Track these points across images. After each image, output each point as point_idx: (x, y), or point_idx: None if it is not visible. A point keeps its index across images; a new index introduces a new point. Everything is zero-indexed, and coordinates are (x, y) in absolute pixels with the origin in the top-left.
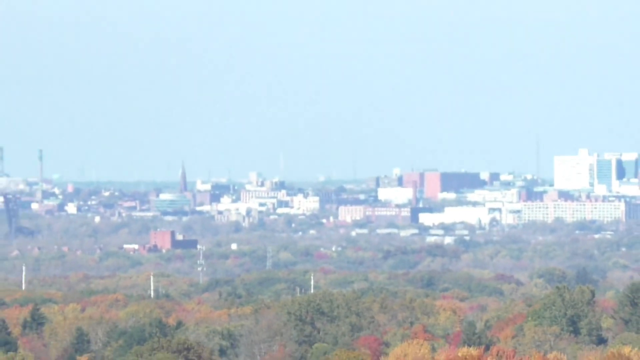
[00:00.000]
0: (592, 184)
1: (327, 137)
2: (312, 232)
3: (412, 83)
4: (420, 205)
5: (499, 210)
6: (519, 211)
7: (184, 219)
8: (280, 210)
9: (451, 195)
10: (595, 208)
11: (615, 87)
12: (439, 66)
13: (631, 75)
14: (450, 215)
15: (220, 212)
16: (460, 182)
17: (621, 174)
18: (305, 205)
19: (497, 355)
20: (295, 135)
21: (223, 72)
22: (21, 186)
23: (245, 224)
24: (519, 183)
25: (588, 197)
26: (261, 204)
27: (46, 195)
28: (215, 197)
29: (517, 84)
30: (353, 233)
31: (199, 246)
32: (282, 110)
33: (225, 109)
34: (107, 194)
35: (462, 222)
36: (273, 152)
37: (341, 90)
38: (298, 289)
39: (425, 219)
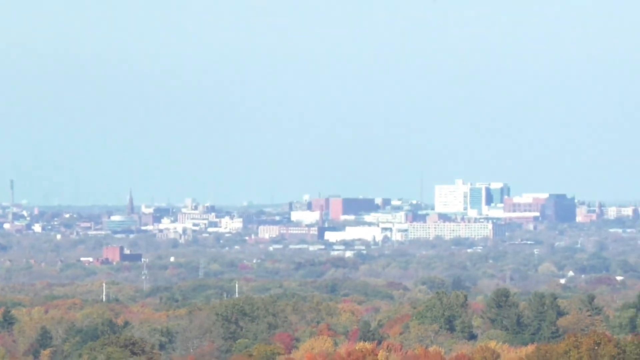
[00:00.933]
0: (465, 208)
1: (249, 167)
2: (236, 247)
3: (308, 122)
4: (326, 225)
5: (390, 229)
6: (406, 230)
7: (131, 236)
8: (210, 230)
9: (351, 217)
10: (468, 228)
11: (485, 124)
12: (333, 103)
13: (499, 111)
14: (350, 233)
15: (161, 231)
16: (358, 206)
17: (489, 200)
18: (231, 225)
19: (387, 348)
20: (223, 165)
21: (160, 113)
22: None
23: (182, 240)
24: (406, 207)
25: (462, 218)
26: (195, 224)
27: (16, 217)
28: (157, 219)
29: (402, 124)
30: (270, 248)
31: (143, 259)
32: (211, 143)
33: (165, 143)
34: (67, 216)
35: (360, 239)
36: (205, 180)
37: (257, 127)
38: (225, 294)
39: (329, 236)
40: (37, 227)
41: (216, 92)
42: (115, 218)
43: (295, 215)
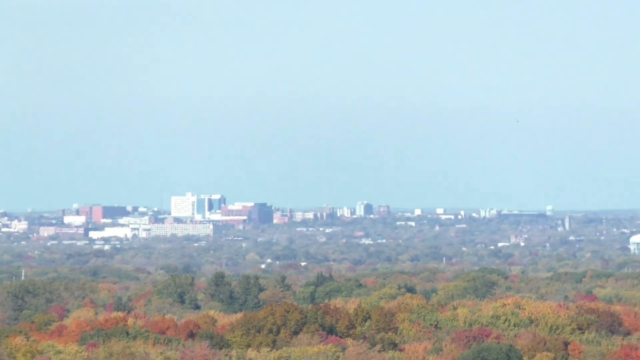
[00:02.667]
0: (193, 214)
1: (34, 181)
2: (23, 242)
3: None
4: (90, 226)
5: (138, 229)
6: (149, 229)
7: None
8: (4, 230)
9: (109, 220)
10: (195, 228)
11: (215, 149)
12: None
13: (223, 139)
14: (108, 232)
15: None
16: (114, 212)
17: (211, 207)
18: (19, 226)
19: (134, 316)
20: (14, 177)
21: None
22: None
23: None
24: (150, 213)
25: (191, 221)
26: None
27: None
28: None
29: (136, 147)
30: (49, 243)
31: None
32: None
33: None
34: None
35: (115, 236)
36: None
37: (38, 147)
38: (14, 277)
39: (93, 234)
40: None
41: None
42: None
43: (67, 219)
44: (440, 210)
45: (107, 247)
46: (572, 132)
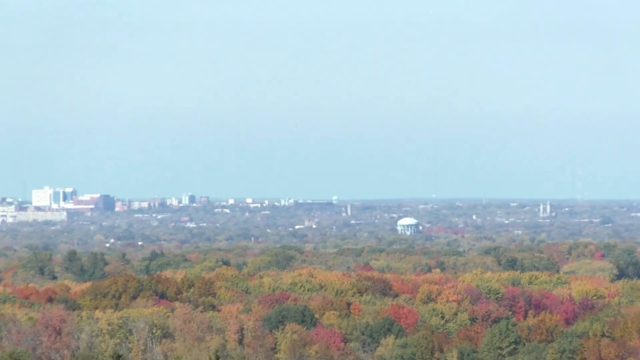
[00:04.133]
0: (51, 203)
1: None
2: None
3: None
4: None
5: (5, 216)
6: (15, 216)
7: None
8: None
9: None
10: (53, 214)
11: (65, 145)
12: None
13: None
14: None
15: None
16: None
17: (65, 198)
18: None
19: (4, 285)
20: None
21: None
22: None
23: None
24: (16, 203)
25: (49, 209)
26: None
27: None
28: None
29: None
30: None
31: None
32: None
33: None
34: None
35: None
36: None
37: None
38: None
39: None
40: None
41: None
42: None
43: None
44: (249, 200)
45: None
46: (336, 134)
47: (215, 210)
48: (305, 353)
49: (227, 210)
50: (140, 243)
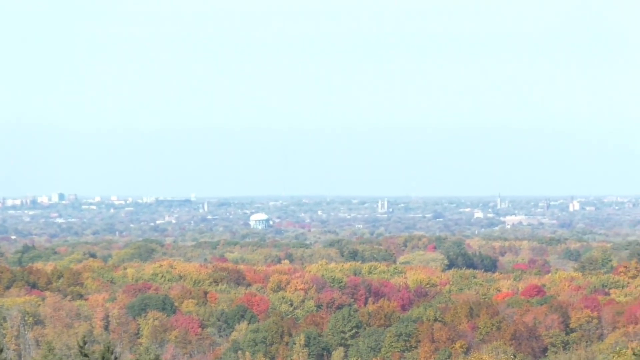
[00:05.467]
0: None
1: None
2: None
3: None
4: None
5: None
6: None
7: None
8: None
9: None
10: None
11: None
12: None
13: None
14: None
15: None
16: None
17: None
18: None
19: None
20: None
21: None
22: None
23: None
24: None
25: None
26: None
27: None
28: None
29: None
30: None
31: None
32: None
33: None
34: None
35: None
36: None
37: None
38: None
39: None
40: None
41: None
42: None
43: None
44: (114, 197)
45: None
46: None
47: (83, 206)
48: (166, 338)
49: (94, 207)
50: (13, 237)
